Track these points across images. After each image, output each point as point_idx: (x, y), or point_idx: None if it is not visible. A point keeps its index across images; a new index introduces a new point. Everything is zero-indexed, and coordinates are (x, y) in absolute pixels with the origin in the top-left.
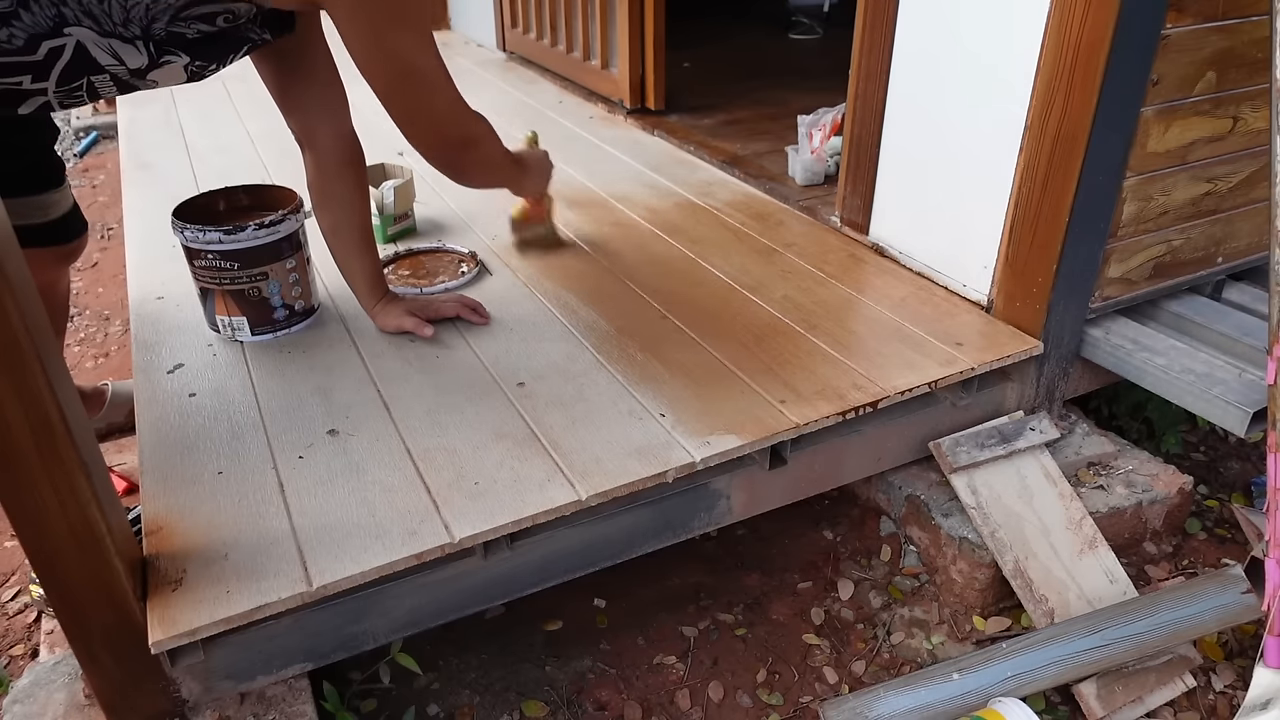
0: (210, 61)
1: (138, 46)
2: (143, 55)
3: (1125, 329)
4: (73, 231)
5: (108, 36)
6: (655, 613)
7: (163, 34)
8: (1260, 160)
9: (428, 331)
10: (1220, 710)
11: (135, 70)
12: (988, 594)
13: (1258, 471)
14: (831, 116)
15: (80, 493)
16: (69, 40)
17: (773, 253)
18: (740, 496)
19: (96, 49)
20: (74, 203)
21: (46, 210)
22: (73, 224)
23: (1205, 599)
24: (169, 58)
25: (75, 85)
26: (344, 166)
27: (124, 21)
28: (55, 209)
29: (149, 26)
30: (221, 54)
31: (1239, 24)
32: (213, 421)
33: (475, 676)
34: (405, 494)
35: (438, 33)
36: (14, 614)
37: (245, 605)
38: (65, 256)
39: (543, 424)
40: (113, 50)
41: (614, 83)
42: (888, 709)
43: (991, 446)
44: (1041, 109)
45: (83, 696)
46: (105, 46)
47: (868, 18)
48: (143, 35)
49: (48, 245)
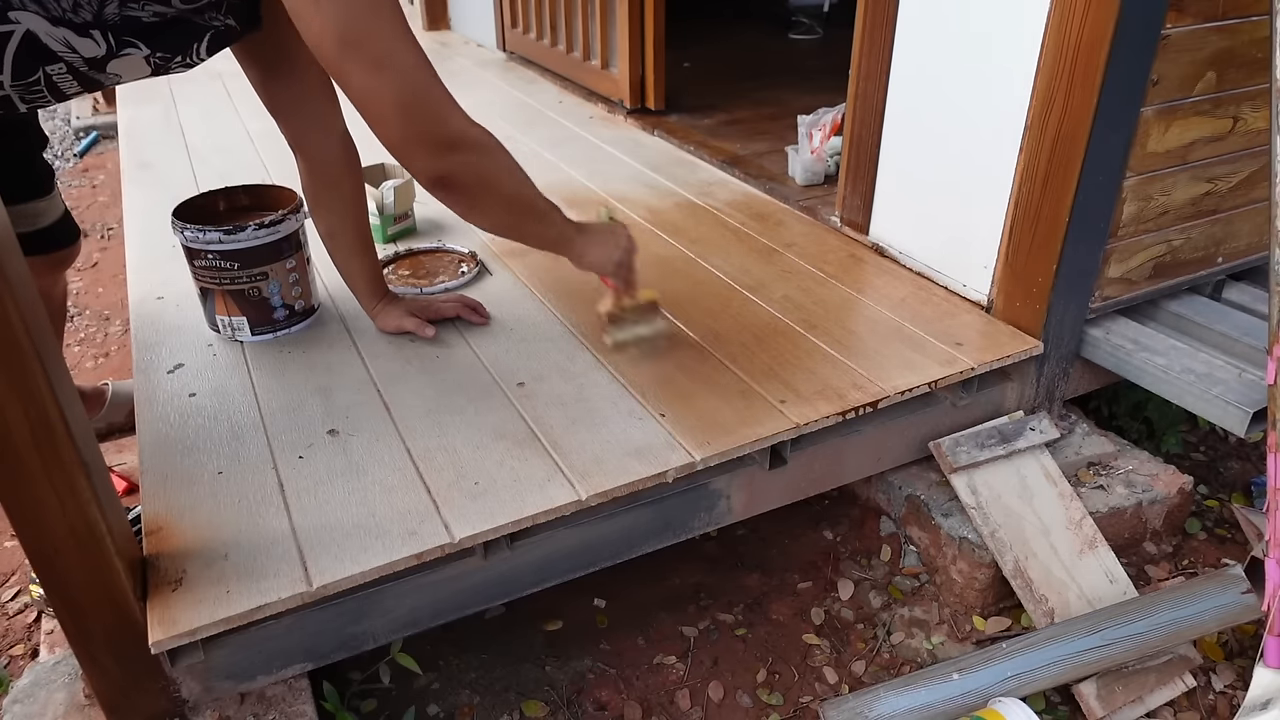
0: (173, 53)
1: (94, 37)
2: (100, 46)
3: (1125, 329)
4: (64, 239)
5: (59, 25)
6: (655, 613)
7: (116, 18)
8: (1260, 160)
9: (428, 331)
10: (1220, 710)
11: (92, 60)
12: (988, 594)
13: (1258, 471)
14: (831, 116)
15: (80, 493)
16: (17, 28)
17: (773, 253)
18: (740, 496)
19: (49, 38)
20: (65, 210)
21: (34, 219)
22: (63, 231)
23: (1205, 599)
24: (129, 49)
25: (33, 80)
26: (337, 170)
27: (73, 6)
28: (43, 217)
29: (100, 10)
30: (184, 44)
31: (1239, 24)
32: (213, 421)
33: (475, 676)
34: (405, 494)
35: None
36: (14, 614)
37: (245, 605)
38: (57, 264)
39: (543, 424)
40: (66, 41)
41: (614, 83)
42: (888, 709)
43: (991, 446)
44: (1041, 109)
45: (83, 696)
46: (58, 37)
47: (868, 18)
48: (95, 22)
49: (38, 254)
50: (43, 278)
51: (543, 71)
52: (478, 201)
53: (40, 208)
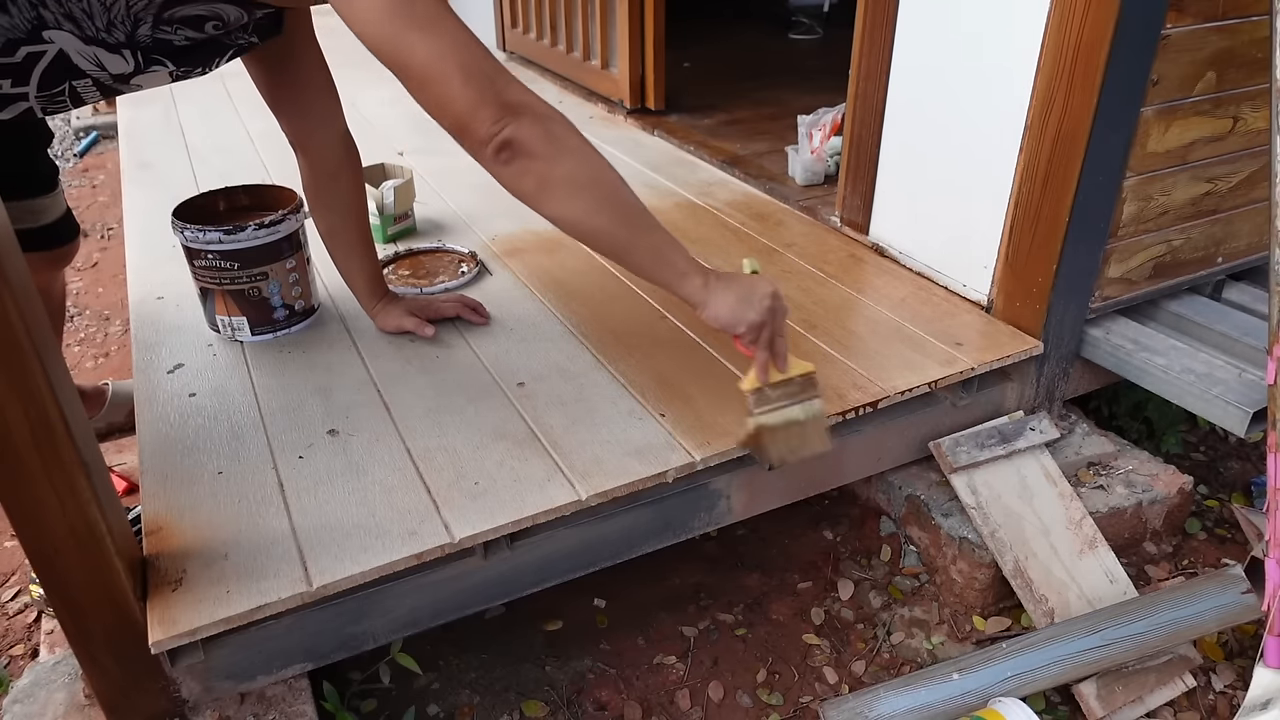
0: (195, 66)
1: (123, 55)
2: (128, 63)
3: (1125, 329)
4: (65, 236)
5: (91, 44)
6: (655, 613)
7: (149, 40)
8: (1260, 160)
9: (428, 331)
10: (1220, 710)
11: (119, 75)
12: (988, 594)
13: (1258, 471)
14: (831, 116)
15: (80, 493)
16: (50, 47)
17: (773, 253)
18: (740, 496)
19: (79, 57)
20: (67, 208)
21: (38, 215)
22: (65, 229)
23: (1205, 599)
24: (156, 67)
25: (58, 90)
26: (338, 169)
27: (106, 26)
28: (47, 214)
29: (134, 31)
30: (207, 59)
31: (1239, 24)
32: (213, 421)
33: (475, 676)
34: (405, 494)
35: None
36: (14, 614)
37: (245, 605)
38: (57, 261)
39: (543, 424)
40: (96, 58)
41: (614, 83)
42: (888, 709)
43: (991, 446)
44: (1041, 109)
45: (83, 696)
46: (89, 55)
47: (868, 18)
48: (128, 42)
49: (39, 250)
50: (42, 275)
51: (543, 71)
52: (553, 172)
53: (44, 204)
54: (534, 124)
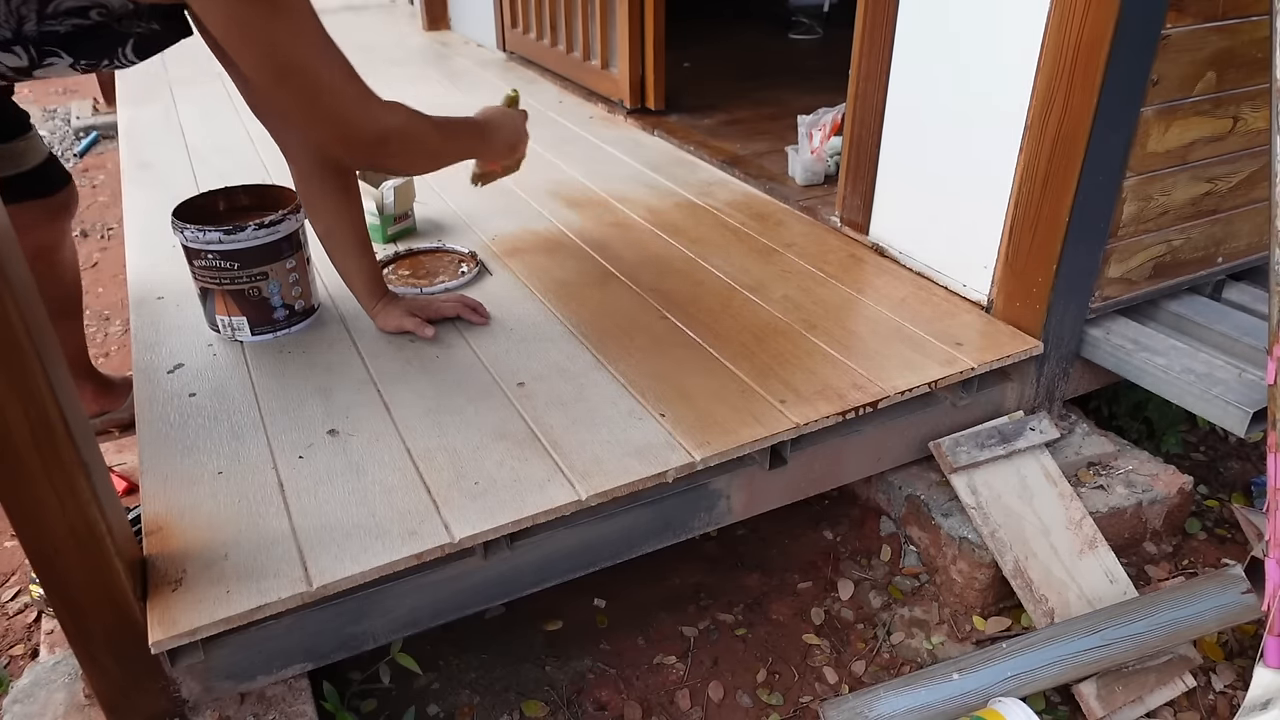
0: (98, 58)
1: (14, 51)
2: (22, 58)
3: (1125, 329)
4: (55, 180)
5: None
6: (655, 613)
7: (35, 34)
8: (1260, 160)
9: (428, 331)
10: (1220, 710)
11: (17, 69)
12: (988, 594)
13: (1258, 471)
14: (831, 116)
15: (80, 493)
16: None
17: (773, 253)
18: (740, 496)
19: None
20: (49, 153)
21: (18, 159)
22: (53, 172)
23: (1205, 599)
24: (51, 59)
25: None
26: (324, 173)
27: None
28: (26, 158)
29: (19, 28)
30: (108, 50)
31: (1239, 24)
32: (213, 421)
33: (475, 676)
34: (405, 494)
35: (438, 33)
36: (14, 614)
37: (245, 605)
38: (58, 212)
39: (543, 424)
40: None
41: (614, 83)
42: (888, 709)
43: (991, 446)
44: (1041, 109)
45: (83, 696)
46: None
47: (868, 18)
48: (15, 38)
49: (34, 198)
50: (45, 231)
51: (543, 71)
52: (411, 166)
53: (20, 147)
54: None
